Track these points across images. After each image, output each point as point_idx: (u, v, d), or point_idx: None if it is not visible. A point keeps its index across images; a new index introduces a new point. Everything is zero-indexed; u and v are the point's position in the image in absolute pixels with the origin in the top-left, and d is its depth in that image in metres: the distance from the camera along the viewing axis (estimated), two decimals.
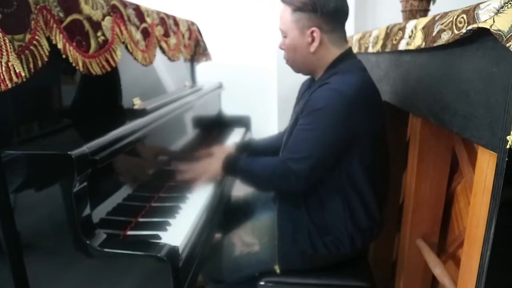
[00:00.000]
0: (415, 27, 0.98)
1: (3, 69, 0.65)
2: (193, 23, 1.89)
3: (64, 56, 0.84)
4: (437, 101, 0.88)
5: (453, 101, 0.80)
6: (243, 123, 2.05)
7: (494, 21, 0.60)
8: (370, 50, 1.41)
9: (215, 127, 1.92)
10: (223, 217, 1.31)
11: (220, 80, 2.05)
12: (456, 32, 0.74)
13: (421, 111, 1.00)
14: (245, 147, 1.50)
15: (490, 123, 0.66)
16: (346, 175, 1.08)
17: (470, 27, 0.68)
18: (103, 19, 0.99)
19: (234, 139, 1.81)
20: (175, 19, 1.59)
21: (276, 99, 2.36)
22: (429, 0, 1.41)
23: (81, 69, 0.89)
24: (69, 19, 0.86)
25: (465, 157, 1.01)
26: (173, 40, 1.52)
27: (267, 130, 2.32)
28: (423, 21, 0.94)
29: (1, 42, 0.65)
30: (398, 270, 1.39)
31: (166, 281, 0.77)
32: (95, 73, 0.94)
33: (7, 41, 0.66)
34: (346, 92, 1.00)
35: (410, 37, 1.01)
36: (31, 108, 0.81)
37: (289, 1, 1.08)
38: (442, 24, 0.81)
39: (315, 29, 1.06)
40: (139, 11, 1.22)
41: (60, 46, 0.82)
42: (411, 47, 0.99)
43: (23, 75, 0.68)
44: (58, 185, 0.74)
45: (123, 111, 1.09)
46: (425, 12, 1.42)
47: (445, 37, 0.79)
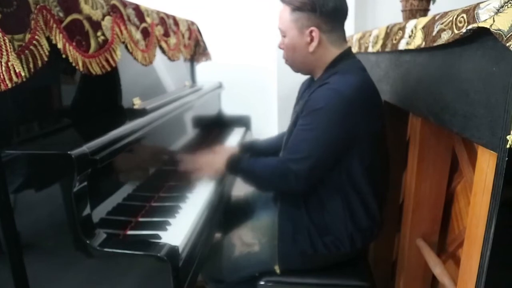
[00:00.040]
0: (415, 27, 0.98)
1: (3, 69, 0.65)
2: (193, 23, 1.89)
3: (64, 56, 0.84)
4: (437, 101, 0.88)
5: (453, 101, 0.80)
6: (243, 122, 2.05)
7: (494, 21, 0.60)
8: (370, 49, 1.41)
9: (215, 127, 1.92)
10: (223, 217, 1.31)
11: (220, 80, 2.05)
12: (456, 31, 0.74)
13: (421, 110, 1.00)
14: (249, 148, 1.51)
15: (490, 122, 0.66)
16: (346, 175, 1.08)
17: (470, 27, 0.68)
18: (103, 19, 0.99)
19: (234, 138, 1.82)
20: (175, 18, 1.59)
21: (276, 99, 2.36)
22: None
23: (81, 69, 0.89)
24: (69, 19, 0.86)
25: (465, 157, 1.01)
26: (173, 40, 1.52)
27: (267, 130, 2.33)
28: (423, 20, 0.94)
29: (1, 42, 0.65)
30: (398, 269, 1.39)
31: (166, 280, 0.77)
32: (95, 73, 0.94)
33: (7, 41, 0.66)
34: (345, 92, 1.00)
35: (410, 36, 1.01)
36: (31, 108, 0.81)
37: (288, 1, 1.08)
38: (442, 23, 0.81)
39: (314, 29, 1.06)
40: (139, 11, 1.22)
41: (60, 46, 0.82)
42: (411, 47, 0.99)
43: (23, 75, 0.68)
44: (58, 185, 0.74)
45: (123, 111, 1.09)
46: (425, 11, 1.42)
47: (445, 37, 0.79)
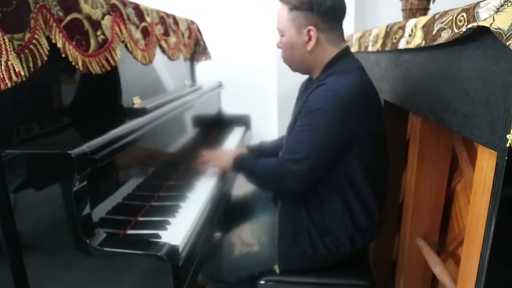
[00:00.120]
0: (415, 26, 0.97)
1: (3, 68, 0.65)
2: (192, 22, 1.89)
3: (63, 55, 0.83)
4: (437, 100, 0.88)
5: (453, 100, 0.80)
6: (243, 122, 2.06)
7: (494, 20, 0.60)
8: (370, 49, 1.41)
9: (215, 126, 1.92)
10: (223, 216, 1.31)
11: (220, 79, 2.05)
12: (456, 30, 0.74)
13: (421, 110, 1.00)
14: (257, 149, 1.52)
15: (490, 121, 0.66)
16: (345, 175, 1.08)
17: (470, 26, 0.68)
18: (103, 18, 0.99)
19: (234, 138, 1.82)
20: (174, 18, 1.59)
21: (276, 99, 2.36)
22: None
23: (81, 68, 0.89)
24: (69, 18, 0.86)
25: (465, 156, 1.01)
26: (173, 39, 1.51)
27: (267, 129, 2.33)
28: (423, 19, 0.94)
29: (0, 41, 0.65)
30: (398, 269, 1.39)
31: (166, 280, 0.77)
32: (95, 72, 0.94)
33: (7, 40, 0.66)
34: (343, 93, 1.00)
35: (410, 35, 1.01)
36: (31, 107, 0.81)
37: (286, 0, 1.08)
38: (442, 22, 0.81)
39: (312, 28, 1.06)
40: (138, 10, 1.22)
41: (59, 45, 0.82)
42: (411, 46, 0.99)
43: (22, 74, 0.68)
44: (58, 184, 0.74)
45: (123, 110, 1.09)
46: (425, 10, 1.41)
47: (445, 36, 0.79)
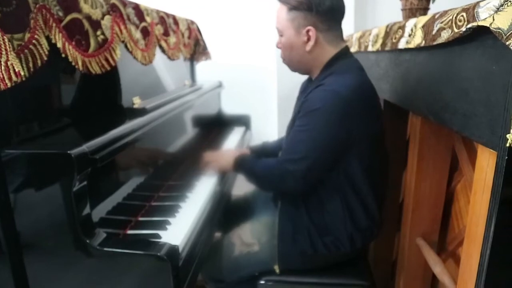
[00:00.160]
0: (415, 26, 0.97)
1: (3, 68, 0.65)
2: (192, 22, 1.89)
3: (63, 55, 0.83)
4: (437, 100, 0.88)
5: (453, 100, 0.80)
6: (243, 122, 2.06)
7: (493, 19, 0.60)
8: (370, 48, 1.41)
9: (215, 126, 1.92)
10: (223, 216, 1.31)
11: (220, 79, 2.05)
12: (456, 30, 0.74)
13: (421, 109, 1.00)
14: (259, 150, 1.52)
15: (490, 121, 0.65)
16: (345, 175, 1.08)
17: (469, 26, 0.68)
18: (103, 18, 0.99)
19: (234, 138, 1.82)
20: (174, 18, 1.59)
21: (276, 99, 2.36)
22: None
23: (81, 68, 0.89)
24: (69, 18, 0.86)
25: (465, 156, 1.01)
26: (172, 39, 1.51)
27: (267, 129, 2.33)
28: (423, 19, 0.94)
29: (0, 41, 0.65)
30: (398, 269, 1.39)
31: (166, 280, 0.77)
32: (95, 72, 0.94)
33: (6, 40, 0.66)
34: (342, 93, 1.00)
35: (410, 35, 1.01)
36: (31, 107, 0.81)
37: (284, 0, 1.08)
38: (442, 22, 0.81)
39: (311, 28, 1.06)
40: (138, 10, 1.22)
41: (59, 45, 0.82)
42: (411, 46, 0.99)
43: (22, 74, 0.68)
44: (58, 185, 0.74)
45: (122, 110, 1.09)
46: (424, 10, 1.41)
47: (445, 36, 0.79)
